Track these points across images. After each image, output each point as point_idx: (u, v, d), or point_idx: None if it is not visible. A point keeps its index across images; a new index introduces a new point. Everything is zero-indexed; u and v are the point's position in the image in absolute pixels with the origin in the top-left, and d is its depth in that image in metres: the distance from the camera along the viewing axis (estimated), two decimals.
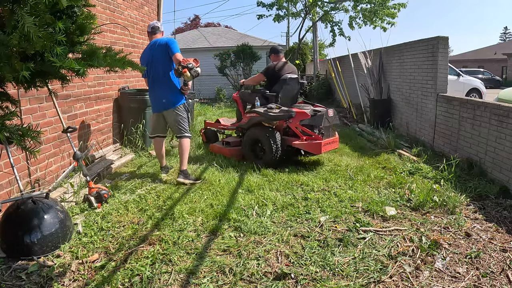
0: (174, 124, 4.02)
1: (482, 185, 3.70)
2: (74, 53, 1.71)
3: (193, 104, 7.50)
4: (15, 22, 1.35)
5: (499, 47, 35.77)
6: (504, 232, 2.81)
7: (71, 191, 3.45)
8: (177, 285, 2.16)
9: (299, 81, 5.02)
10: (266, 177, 4.10)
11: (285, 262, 2.38)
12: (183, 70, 3.53)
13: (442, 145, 5.14)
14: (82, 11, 1.71)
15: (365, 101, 8.26)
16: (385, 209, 3.18)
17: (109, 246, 2.60)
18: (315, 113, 4.45)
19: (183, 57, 3.72)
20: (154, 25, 4.10)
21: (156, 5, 6.82)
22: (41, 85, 1.82)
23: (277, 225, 2.93)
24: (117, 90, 5.26)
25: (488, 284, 2.15)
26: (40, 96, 3.44)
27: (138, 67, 1.89)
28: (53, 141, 3.69)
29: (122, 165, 4.66)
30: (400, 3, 12.36)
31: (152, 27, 4.09)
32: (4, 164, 2.93)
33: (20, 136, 1.61)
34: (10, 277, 2.24)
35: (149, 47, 4.02)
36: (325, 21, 13.68)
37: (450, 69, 10.21)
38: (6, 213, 2.50)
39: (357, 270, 2.27)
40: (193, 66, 3.57)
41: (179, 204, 3.33)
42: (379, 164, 4.69)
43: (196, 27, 33.01)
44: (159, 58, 3.85)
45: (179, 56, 3.69)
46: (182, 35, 21.72)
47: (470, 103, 4.43)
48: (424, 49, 5.78)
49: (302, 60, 22.82)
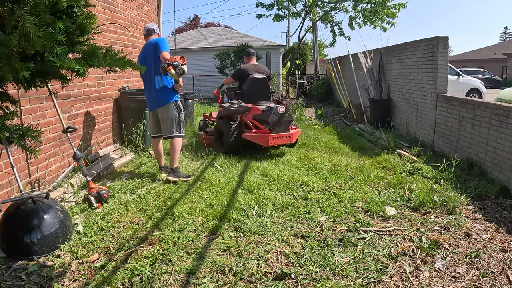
0: (164, 122, 4.04)
1: (482, 185, 3.70)
2: (74, 53, 1.71)
3: (193, 104, 7.51)
4: (15, 22, 1.35)
5: (499, 47, 35.78)
6: (504, 232, 2.81)
7: (71, 191, 3.45)
8: (177, 285, 2.16)
9: (266, 80, 5.44)
10: (266, 177, 4.10)
11: (285, 262, 2.38)
12: (168, 67, 3.56)
13: (442, 145, 5.14)
14: (82, 11, 1.71)
15: (365, 101, 8.26)
16: (385, 209, 3.18)
17: (109, 246, 2.60)
18: (266, 109, 4.94)
19: (171, 55, 3.75)
20: (150, 27, 4.16)
21: (156, 5, 6.82)
22: (41, 85, 1.82)
23: (277, 225, 2.93)
24: (117, 90, 5.26)
25: (488, 284, 2.15)
26: (40, 96, 3.44)
27: (138, 67, 1.90)
28: (53, 141, 3.69)
29: (122, 165, 4.66)
30: (400, 3, 12.38)
31: (147, 29, 4.16)
32: (4, 164, 2.93)
33: (21, 136, 1.61)
34: (10, 277, 2.24)
35: (143, 48, 4.12)
36: (325, 21, 13.69)
37: (450, 69, 10.21)
38: (6, 213, 2.50)
39: (357, 270, 2.27)
40: (178, 63, 3.59)
41: (179, 204, 3.33)
42: (379, 164, 4.69)
43: (196, 27, 33.00)
44: (150, 57, 3.93)
45: (166, 54, 3.73)
46: (182, 35, 21.73)
47: (470, 103, 4.43)
48: (424, 49, 5.78)
49: (302, 60, 22.87)
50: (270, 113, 4.90)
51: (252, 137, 4.90)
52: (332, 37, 13.69)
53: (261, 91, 5.37)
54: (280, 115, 4.94)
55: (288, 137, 5.05)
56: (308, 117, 9.02)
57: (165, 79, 4.00)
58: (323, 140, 6.15)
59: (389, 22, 12.53)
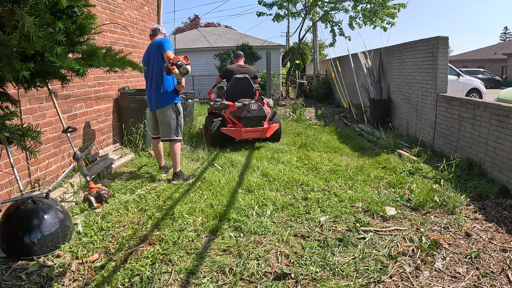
0: (162, 124, 4.03)
1: (482, 185, 3.70)
2: (74, 53, 1.71)
3: (193, 104, 7.52)
4: (15, 22, 1.35)
5: (499, 47, 35.77)
6: (504, 232, 2.81)
7: (71, 191, 3.45)
8: (177, 285, 2.16)
9: (249, 79, 5.88)
10: (266, 177, 4.10)
11: (285, 262, 2.38)
12: (172, 67, 3.54)
13: (442, 145, 5.14)
14: (82, 11, 1.71)
15: (365, 101, 8.26)
16: (385, 209, 3.18)
17: (109, 246, 2.60)
18: (241, 106, 5.56)
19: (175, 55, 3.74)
20: (155, 28, 4.16)
21: (156, 5, 6.82)
22: (41, 85, 1.82)
23: (277, 225, 2.93)
24: (117, 90, 5.26)
25: (488, 284, 2.15)
26: (40, 96, 3.44)
27: (138, 67, 1.89)
28: (53, 141, 3.69)
29: (122, 165, 4.66)
30: (400, 3, 12.38)
31: (153, 30, 4.16)
32: (4, 164, 2.93)
33: (21, 136, 1.61)
34: (10, 277, 2.24)
35: (148, 48, 4.12)
36: (325, 21, 13.69)
37: (450, 69, 10.21)
38: (6, 213, 2.50)
39: (357, 270, 2.27)
40: (182, 63, 3.58)
41: (179, 204, 3.33)
42: (379, 164, 4.69)
43: (196, 27, 33.00)
44: (154, 57, 3.93)
45: (170, 54, 3.71)
46: (182, 35, 21.72)
47: (470, 103, 4.43)
48: (424, 49, 5.78)
49: (302, 60, 22.87)
50: (243, 110, 5.50)
51: (228, 131, 5.49)
52: (332, 37, 13.69)
53: (244, 90, 5.87)
54: (252, 112, 5.52)
55: (261, 131, 5.54)
56: (308, 117, 9.02)
57: (167, 80, 3.97)
58: (323, 140, 6.15)
59: (389, 22, 12.52)
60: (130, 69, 1.87)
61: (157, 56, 3.89)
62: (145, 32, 6.20)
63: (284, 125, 7.71)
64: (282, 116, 8.99)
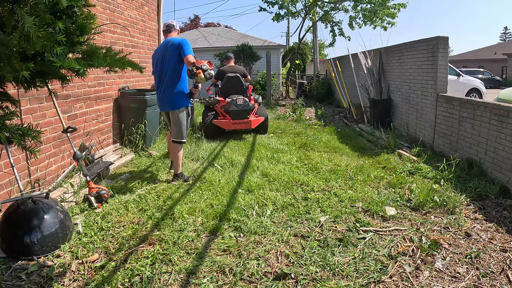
0: (174, 125, 3.99)
1: (482, 185, 3.70)
2: (74, 53, 1.71)
3: (193, 105, 7.57)
4: (15, 22, 1.35)
5: (499, 47, 35.77)
6: (504, 232, 2.82)
7: (71, 191, 3.45)
8: (177, 285, 2.16)
9: (239, 78, 6.72)
10: (266, 177, 4.10)
11: (285, 262, 2.38)
12: (197, 71, 3.47)
13: (442, 145, 5.14)
14: (82, 11, 1.71)
15: (365, 101, 8.26)
16: (385, 209, 3.18)
17: (109, 246, 2.60)
18: (230, 101, 6.34)
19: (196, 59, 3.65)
20: (169, 23, 3.98)
21: (156, 5, 6.82)
22: (41, 85, 1.82)
23: (277, 225, 2.93)
24: (117, 90, 5.26)
25: (488, 284, 2.15)
26: (40, 96, 3.44)
27: (138, 67, 1.89)
28: (53, 141, 3.69)
29: (122, 165, 4.66)
30: (400, 3, 12.36)
31: (167, 26, 3.98)
32: (4, 164, 2.93)
33: (21, 136, 1.61)
34: (10, 277, 2.24)
35: (162, 45, 3.91)
36: (325, 21, 13.68)
37: (450, 69, 10.21)
38: (6, 213, 2.50)
39: (357, 270, 2.28)
40: (207, 68, 3.54)
41: (179, 204, 3.33)
42: (379, 164, 4.69)
43: (196, 27, 32.98)
44: (170, 58, 3.76)
45: (191, 58, 3.61)
46: (182, 35, 21.68)
47: (470, 103, 4.43)
48: (424, 49, 5.78)
49: (302, 60, 22.87)
50: (230, 104, 6.32)
51: (219, 123, 6.32)
52: (332, 37, 13.67)
53: (235, 87, 6.74)
54: (238, 106, 6.31)
55: (247, 123, 6.40)
56: (308, 117, 9.02)
57: (182, 83, 3.86)
58: (323, 140, 6.15)
59: (389, 22, 12.51)
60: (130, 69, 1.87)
61: (174, 57, 3.74)
62: (145, 32, 6.20)
63: (284, 125, 7.71)
64: (282, 116, 9.00)
